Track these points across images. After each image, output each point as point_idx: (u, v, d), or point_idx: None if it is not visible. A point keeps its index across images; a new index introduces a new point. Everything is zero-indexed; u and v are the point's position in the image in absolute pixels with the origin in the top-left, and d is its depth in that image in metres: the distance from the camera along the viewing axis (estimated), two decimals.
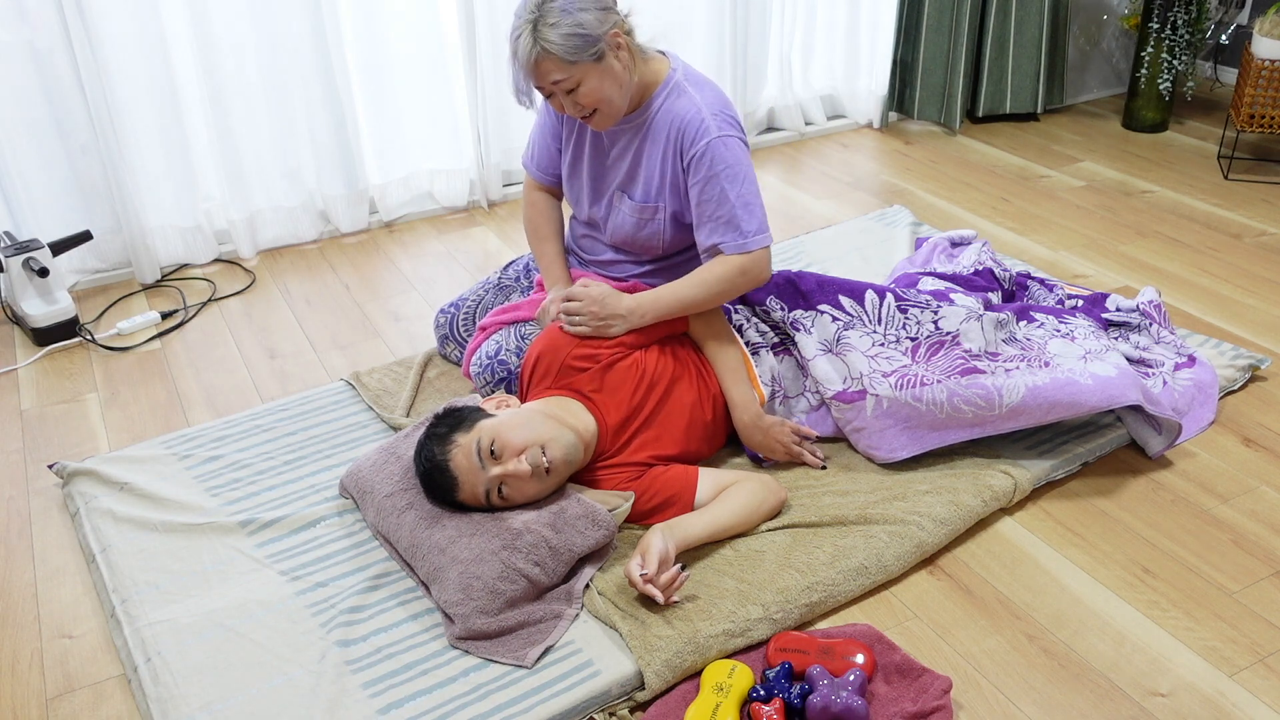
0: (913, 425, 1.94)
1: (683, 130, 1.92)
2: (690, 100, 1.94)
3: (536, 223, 2.20)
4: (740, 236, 1.92)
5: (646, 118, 1.97)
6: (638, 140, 2.00)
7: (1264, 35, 3.15)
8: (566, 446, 1.72)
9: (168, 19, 2.68)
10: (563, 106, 1.89)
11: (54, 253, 2.59)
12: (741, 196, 1.91)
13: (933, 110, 3.78)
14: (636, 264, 2.15)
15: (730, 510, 1.78)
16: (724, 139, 1.91)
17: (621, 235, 2.09)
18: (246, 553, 1.81)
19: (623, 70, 1.87)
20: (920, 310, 2.06)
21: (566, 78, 1.81)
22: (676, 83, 1.96)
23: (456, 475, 1.68)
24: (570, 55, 1.79)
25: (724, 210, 1.92)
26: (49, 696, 1.60)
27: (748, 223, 1.92)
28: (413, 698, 1.52)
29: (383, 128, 3.07)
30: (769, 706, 1.46)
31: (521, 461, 1.67)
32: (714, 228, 1.94)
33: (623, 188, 2.05)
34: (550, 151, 2.17)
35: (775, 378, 2.03)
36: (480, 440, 1.68)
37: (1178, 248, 2.88)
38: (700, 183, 1.92)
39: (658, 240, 2.07)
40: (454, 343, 2.32)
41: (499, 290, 2.31)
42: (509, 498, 1.70)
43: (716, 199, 1.92)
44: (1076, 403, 1.88)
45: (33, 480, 2.09)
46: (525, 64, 1.81)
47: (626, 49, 1.88)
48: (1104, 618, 1.67)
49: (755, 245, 1.93)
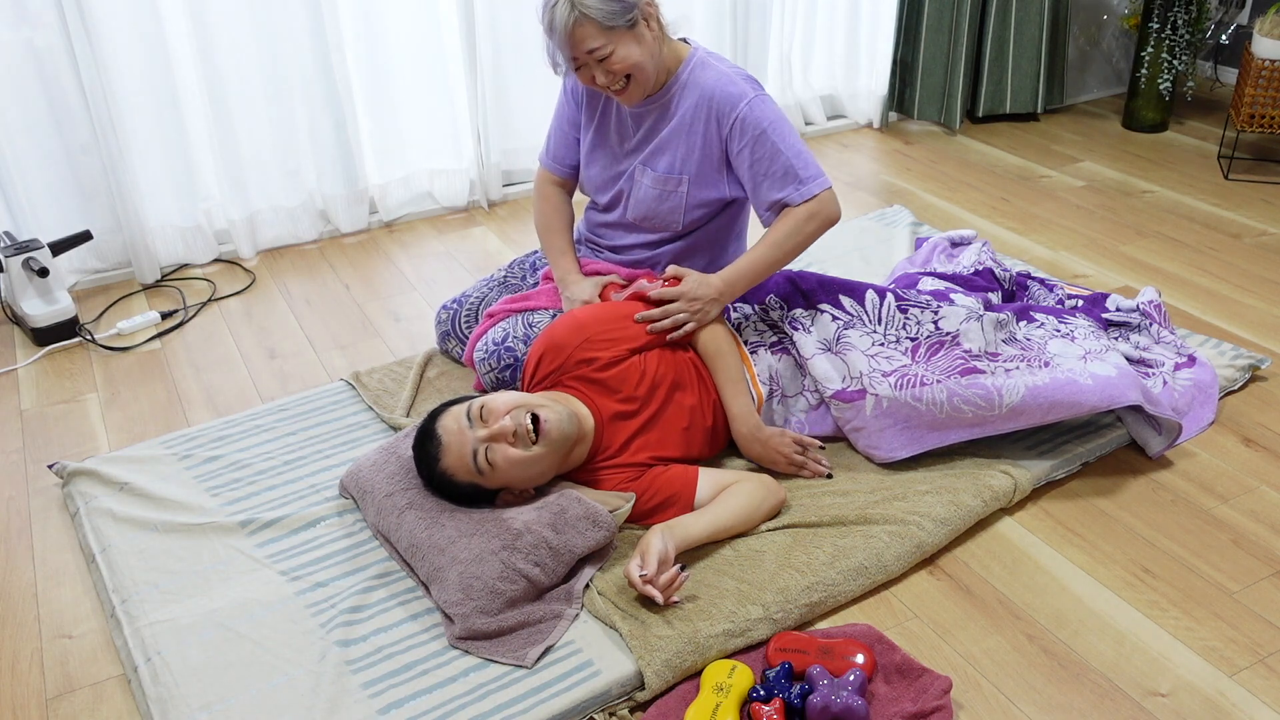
0: (912, 425, 1.93)
1: (718, 100, 1.99)
2: (716, 71, 2.01)
3: (548, 215, 2.22)
4: (800, 184, 1.98)
5: (672, 94, 2.03)
6: (664, 117, 2.05)
7: (1264, 35, 3.15)
8: (559, 415, 1.72)
9: (168, 19, 2.68)
10: (593, 79, 1.94)
11: (54, 253, 2.59)
12: (792, 147, 1.98)
13: (933, 110, 3.78)
14: (653, 246, 2.17)
15: (730, 510, 1.78)
16: (760, 98, 1.99)
17: (642, 210, 2.12)
18: (246, 553, 1.81)
19: (653, 40, 1.94)
20: (920, 310, 2.06)
21: (602, 44, 1.88)
22: (699, 59, 2.04)
23: (442, 437, 1.70)
24: (608, 20, 1.85)
25: (779, 164, 1.97)
26: (49, 696, 1.60)
27: (804, 169, 1.98)
28: (413, 698, 1.52)
29: (383, 128, 3.07)
30: (769, 706, 1.46)
31: (506, 420, 1.68)
32: (772, 183, 1.99)
33: (645, 162, 2.09)
34: (568, 140, 2.20)
35: (773, 377, 2.03)
36: (470, 404, 1.72)
37: (1178, 248, 2.88)
38: (749, 144, 1.98)
39: (678, 214, 2.10)
40: (456, 339, 2.32)
41: (503, 287, 2.32)
42: (496, 464, 1.69)
43: (769, 155, 1.97)
44: (1077, 403, 1.88)
45: (33, 480, 2.09)
46: (563, 30, 1.87)
47: (657, 20, 1.95)
48: (1104, 618, 1.67)
49: (818, 189, 1.98)
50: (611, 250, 2.22)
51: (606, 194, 2.18)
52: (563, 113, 2.19)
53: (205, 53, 2.72)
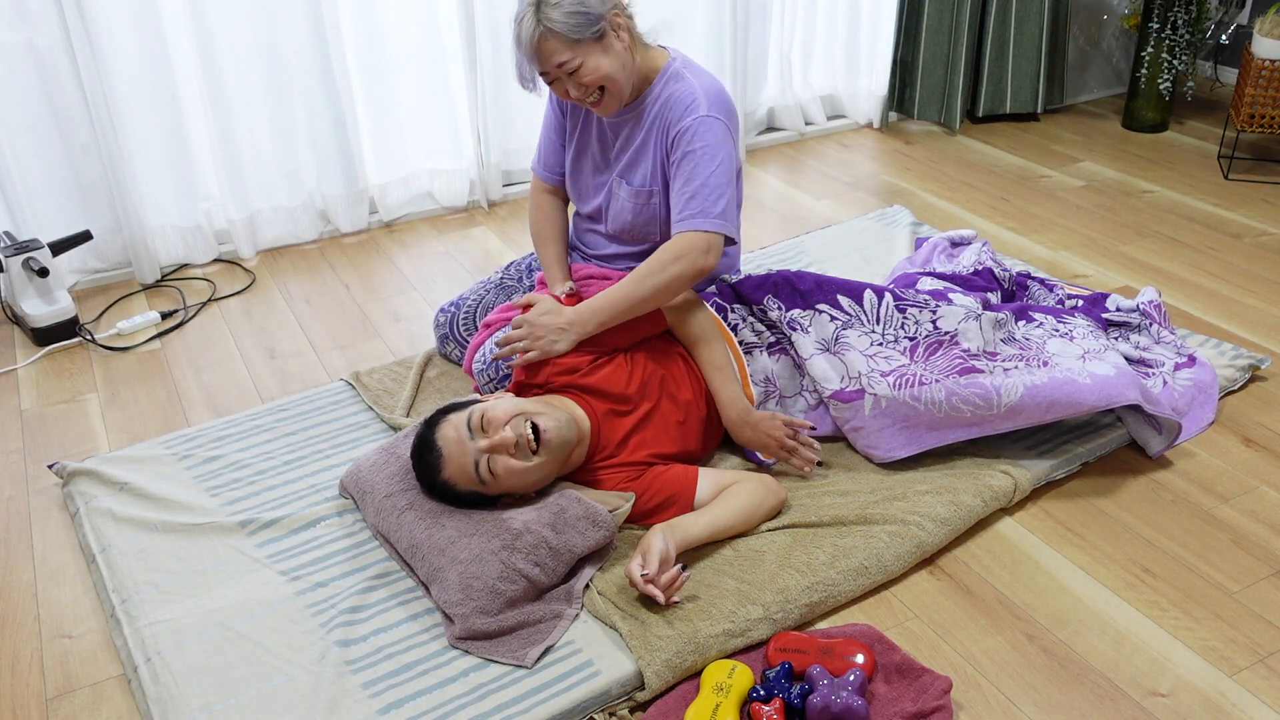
0: (911, 424, 1.93)
1: (672, 110, 1.95)
2: (687, 84, 1.96)
3: (540, 224, 2.21)
4: (695, 216, 1.88)
5: (646, 105, 2.00)
6: (639, 128, 2.02)
7: (1264, 35, 3.15)
8: (558, 422, 1.72)
9: (168, 19, 2.68)
10: (567, 93, 1.91)
11: (54, 253, 2.59)
12: (714, 177, 1.89)
13: (933, 110, 3.78)
14: (636, 257, 2.16)
15: (730, 510, 1.78)
16: (710, 119, 1.91)
17: (621, 223, 2.10)
18: (246, 553, 1.81)
19: (624, 51, 1.90)
20: (919, 310, 2.06)
21: (570, 58, 1.85)
22: (675, 70, 2.00)
23: (443, 449, 1.69)
24: (573, 34, 1.82)
25: (691, 187, 1.90)
26: (49, 696, 1.60)
27: (711, 204, 1.88)
28: (413, 698, 1.52)
29: (383, 128, 3.07)
30: (769, 706, 1.46)
31: (507, 430, 1.67)
32: (679, 205, 1.92)
33: (622, 174, 2.07)
34: (556, 148, 2.19)
35: (770, 378, 2.03)
36: (470, 413, 1.71)
37: (1178, 248, 2.88)
38: (678, 159, 1.93)
39: (654, 225, 2.08)
40: (454, 342, 2.32)
41: (500, 290, 2.31)
42: (498, 474, 1.69)
43: (688, 175, 1.91)
44: (1075, 402, 1.88)
45: (33, 480, 2.09)
46: (529, 45, 1.85)
47: (627, 30, 1.91)
48: (1104, 618, 1.67)
49: (707, 227, 1.87)
50: (599, 259, 2.21)
51: (589, 204, 2.17)
52: (549, 121, 2.19)
53: (205, 53, 2.72)
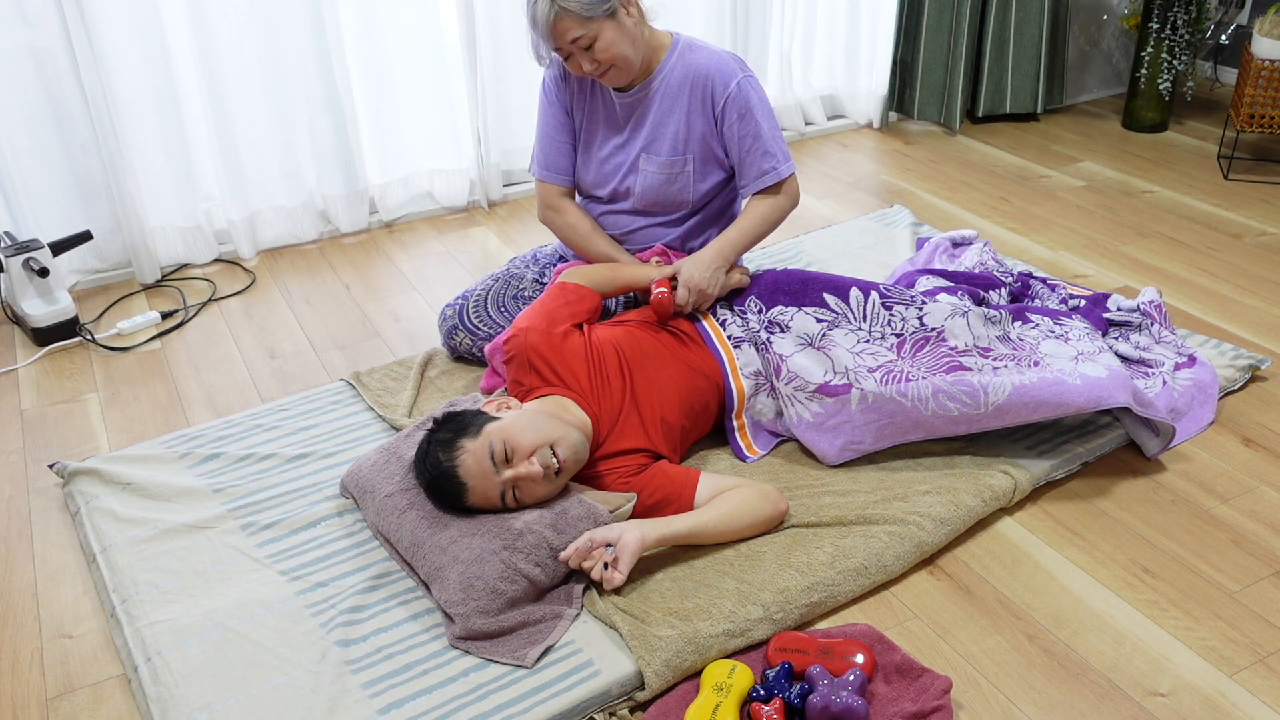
0: (897, 420, 1.93)
1: (709, 79, 2.09)
2: (707, 53, 2.11)
3: (575, 224, 2.26)
4: (783, 162, 2.13)
5: (659, 80, 2.11)
6: (654, 102, 2.12)
7: (1264, 35, 3.15)
8: (574, 445, 1.73)
9: (168, 19, 2.68)
10: (580, 67, 2.01)
11: (54, 253, 2.59)
12: (772, 128, 2.12)
13: (933, 110, 3.78)
14: (664, 225, 2.23)
15: (720, 513, 1.76)
16: (749, 78, 2.10)
17: (651, 195, 2.19)
18: (246, 553, 1.81)
19: (634, 26, 2.02)
20: (905, 307, 2.05)
21: (584, 34, 1.95)
22: (685, 43, 2.13)
23: (467, 481, 1.68)
24: (586, 11, 1.93)
25: (761, 142, 2.10)
26: (49, 696, 1.60)
27: (783, 150, 2.13)
28: (413, 698, 1.52)
29: (383, 128, 3.07)
30: (769, 706, 1.46)
31: (533, 463, 1.68)
32: (752, 160, 2.12)
33: (645, 149, 2.15)
34: (563, 148, 2.24)
35: (759, 371, 2.04)
36: (492, 444, 1.68)
37: (1178, 248, 2.88)
38: (736, 121, 2.09)
39: (687, 192, 2.18)
40: (465, 331, 2.32)
41: (508, 279, 2.33)
42: (521, 500, 1.71)
43: (753, 134, 2.10)
44: (1063, 402, 1.87)
45: (33, 480, 2.09)
46: (545, 25, 1.96)
47: (636, 5, 2.04)
48: (1104, 618, 1.67)
49: (787, 171, 2.13)
50: (621, 237, 2.27)
51: (606, 187, 2.23)
52: (553, 122, 2.21)
53: (205, 53, 2.72)
